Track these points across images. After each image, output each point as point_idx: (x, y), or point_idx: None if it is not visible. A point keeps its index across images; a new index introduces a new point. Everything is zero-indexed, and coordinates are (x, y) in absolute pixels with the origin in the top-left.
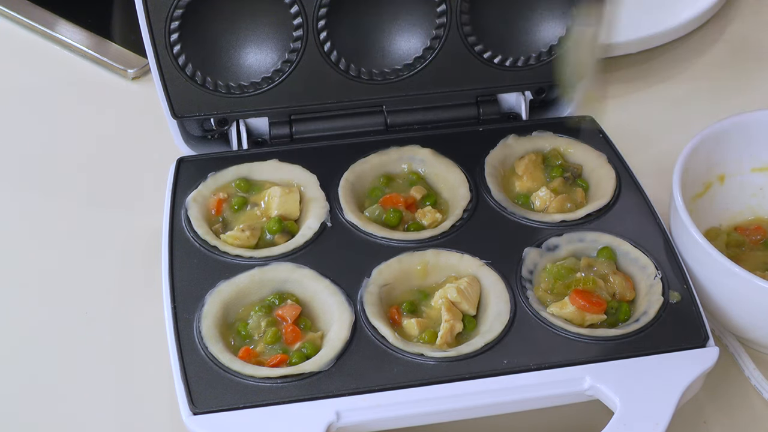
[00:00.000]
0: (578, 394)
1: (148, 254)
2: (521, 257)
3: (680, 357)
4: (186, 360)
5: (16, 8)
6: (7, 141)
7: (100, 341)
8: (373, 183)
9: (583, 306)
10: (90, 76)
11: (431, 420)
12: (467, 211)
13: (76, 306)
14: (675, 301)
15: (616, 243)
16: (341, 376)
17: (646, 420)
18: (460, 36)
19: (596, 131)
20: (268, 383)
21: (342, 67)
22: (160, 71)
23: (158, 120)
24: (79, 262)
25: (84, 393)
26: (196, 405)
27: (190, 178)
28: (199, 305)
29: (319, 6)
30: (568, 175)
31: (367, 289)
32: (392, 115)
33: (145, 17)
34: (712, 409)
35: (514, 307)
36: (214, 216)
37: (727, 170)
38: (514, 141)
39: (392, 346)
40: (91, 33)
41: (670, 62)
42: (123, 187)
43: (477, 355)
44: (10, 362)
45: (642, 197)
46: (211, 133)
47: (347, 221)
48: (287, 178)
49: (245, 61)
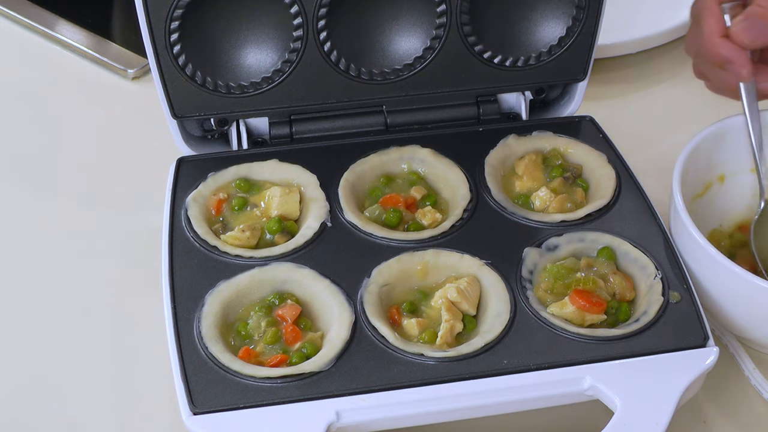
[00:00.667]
0: (578, 394)
1: (148, 254)
2: (521, 257)
3: (680, 357)
4: (186, 360)
5: (16, 8)
6: (7, 141)
7: (100, 341)
8: (373, 183)
9: (583, 306)
10: (90, 76)
11: (431, 420)
12: (467, 211)
13: (76, 306)
14: (675, 301)
15: (616, 243)
16: (341, 376)
17: (646, 420)
18: (460, 36)
19: (596, 131)
20: (268, 383)
21: (342, 67)
22: (160, 71)
23: (158, 120)
24: (79, 262)
25: (84, 393)
26: (196, 405)
27: (190, 178)
28: (199, 305)
29: (319, 6)
30: (568, 175)
31: (367, 289)
32: (392, 115)
33: (145, 17)
34: (712, 409)
35: (514, 307)
36: (214, 216)
37: (727, 170)
38: (514, 141)
39: (392, 346)
40: (91, 33)
41: (670, 62)
42: (123, 187)
43: (477, 355)
44: (10, 362)
45: (642, 197)
46: (211, 133)
47: (347, 221)
48: (287, 178)
49: (245, 61)
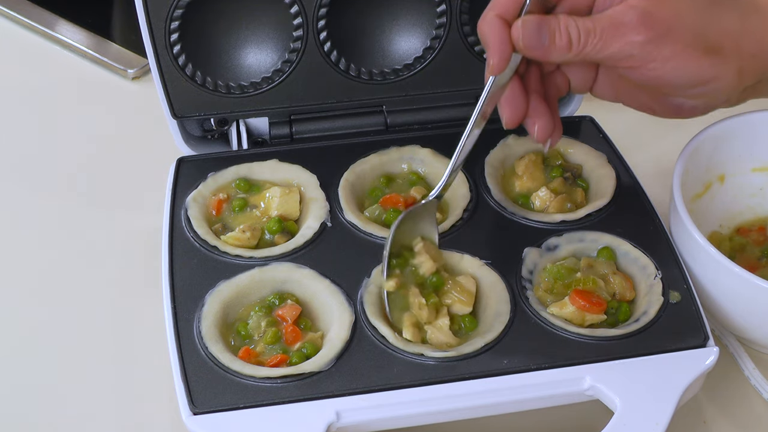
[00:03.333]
0: (578, 394)
1: (148, 254)
2: (521, 257)
3: (680, 357)
4: (186, 360)
5: (16, 8)
6: (7, 141)
7: (100, 341)
8: (373, 183)
9: (583, 306)
10: (90, 76)
11: (431, 420)
12: (467, 211)
13: (76, 306)
14: (675, 301)
15: (616, 243)
16: (341, 376)
17: (646, 420)
18: (460, 36)
19: (596, 131)
20: (268, 383)
21: (342, 67)
22: (160, 71)
23: (158, 120)
24: (79, 262)
25: (84, 393)
26: (196, 405)
27: (190, 178)
28: (199, 305)
29: (319, 6)
30: (568, 175)
31: (367, 289)
32: (392, 115)
33: (145, 17)
34: (712, 409)
35: (514, 307)
36: (215, 216)
37: (727, 170)
38: (514, 141)
39: (392, 346)
40: (91, 33)
41: None
42: (123, 187)
43: (477, 355)
44: (10, 362)
45: (642, 197)
46: (211, 133)
47: (347, 221)
48: (287, 178)
49: (245, 61)
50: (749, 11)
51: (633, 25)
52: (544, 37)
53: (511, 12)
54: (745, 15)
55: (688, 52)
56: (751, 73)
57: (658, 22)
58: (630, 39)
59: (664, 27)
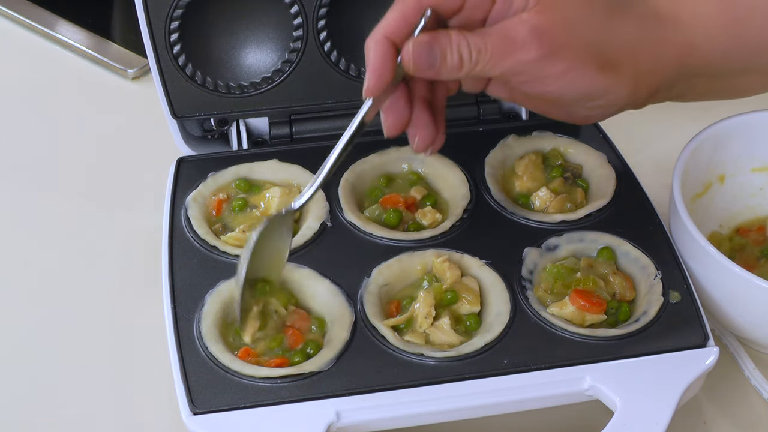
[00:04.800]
0: (578, 394)
1: (148, 254)
2: (521, 257)
3: (680, 357)
4: (186, 360)
5: (16, 8)
6: (7, 141)
7: (100, 341)
8: (373, 183)
9: (583, 306)
10: (90, 76)
11: (431, 420)
12: (467, 211)
13: (76, 306)
14: (675, 301)
15: (616, 243)
16: (341, 376)
17: (646, 420)
18: None
19: (596, 131)
20: (268, 383)
21: (342, 67)
22: (160, 71)
23: (158, 120)
24: (79, 262)
25: (84, 393)
26: (196, 405)
27: (190, 178)
28: (199, 305)
29: (319, 6)
30: (568, 175)
31: (367, 289)
32: None
33: (145, 17)
34: (712, 409)
35: (514, 307)
36: (215, 216)
37: (727, 170)
38: (514, 141)
39: (392, 346)
40: (91, 33)
41: None
42: (123, 187)
43: (477, 355)
44: (10, 362)
45: (642, 197)
46: (211, 133)
47: (347, 221)
48: (287, 178)
49: (245, 61)
50: (647, 18)
51: (523, 43)
52: (435, 58)
53: (402, 32)
54: (643, 24)
55: (581, 68)
56: (646, 88)
57: (550, 38)
58: (520, 58)
59: (556, 43)
